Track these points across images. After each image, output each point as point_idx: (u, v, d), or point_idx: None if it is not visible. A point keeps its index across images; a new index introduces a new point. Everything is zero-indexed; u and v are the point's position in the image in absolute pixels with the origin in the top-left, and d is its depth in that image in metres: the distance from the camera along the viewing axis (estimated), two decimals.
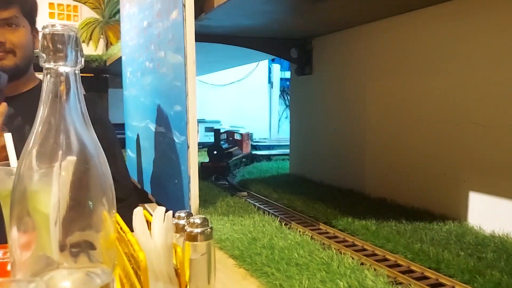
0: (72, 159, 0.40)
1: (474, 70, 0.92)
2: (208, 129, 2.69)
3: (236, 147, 1.85)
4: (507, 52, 0.85)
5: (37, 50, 1.11)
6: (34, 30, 1.05)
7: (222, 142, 1.76)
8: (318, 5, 0.99)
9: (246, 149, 1.99)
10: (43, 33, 0.38)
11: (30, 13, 1.02)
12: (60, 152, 0.39)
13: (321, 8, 1.02)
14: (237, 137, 1.92)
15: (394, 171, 1.14)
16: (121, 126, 1.70)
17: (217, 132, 1.76)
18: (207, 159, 1.71)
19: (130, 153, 1.62)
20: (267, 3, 0.97)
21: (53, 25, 0.38)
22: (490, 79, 0.89)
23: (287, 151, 2.24)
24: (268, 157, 2.10)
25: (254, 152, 2.16)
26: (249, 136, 2.12)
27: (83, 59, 0.40)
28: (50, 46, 0.38)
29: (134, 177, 1.53)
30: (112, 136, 1.12)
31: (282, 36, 1.42)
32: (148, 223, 0.45)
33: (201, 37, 1.26)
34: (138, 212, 0.43)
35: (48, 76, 0.39)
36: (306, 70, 1.49)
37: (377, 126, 1.21)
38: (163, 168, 1.17)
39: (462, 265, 0.66)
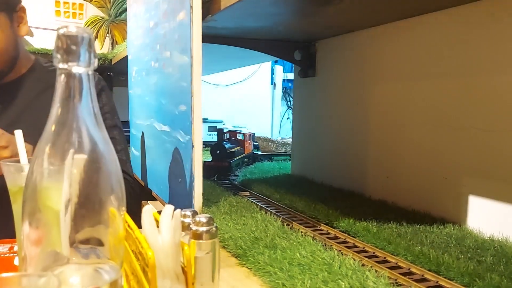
0: (81, 157, 0.41)
1: (476, 75, 0.93)
2: (211, 129, 2.70)
3: (239, 147, 1.85)
4: (509, 58, 0.86)
5: (28, 36, 1.07)
6: (17, 16, 0.97)
7: (224, 142, 1.77)
8: (324, 8, 1.00)
9: (249, 149, 1.99)
10: (57, 34, 0.39)
11: (5, 3, 0.93)
12: (72, 150, 0.40)
13: (326, 11, 1.03)
14: (239, 137, 1.92)
15: (395, 173, 1.15)
16: (126, 124, 1.71)
17: (220, 132, 1.75)
18: (209, 158, 1.71)
19: (134, 151, 1.63)
20: (274, 5, 0.98)
21: (67, 26, 0.39)
22: (492, 84, 0.90)
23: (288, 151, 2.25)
24: (270, 157, 2.10)
25: (255, 152, 2.16)
26: (252, 136, 2.12)
27: (96, 60, 0.41)
28: (64, 47, 0.39)
29: (138, 174, 1.54)
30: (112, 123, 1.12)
31: (286, 38, 1.43)
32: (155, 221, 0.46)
33: (206, 38, 1.27)
34: (148, 210, 0.44)
35: (62, 76, 0.40)
36: (309, 72, 1.50)
37: (379, 129, 1.21)
38: (167, 167, 1.18)
39: (462, 268, 0.67)
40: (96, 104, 0.41)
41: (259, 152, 2.19)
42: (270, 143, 2.22)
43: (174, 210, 0.44)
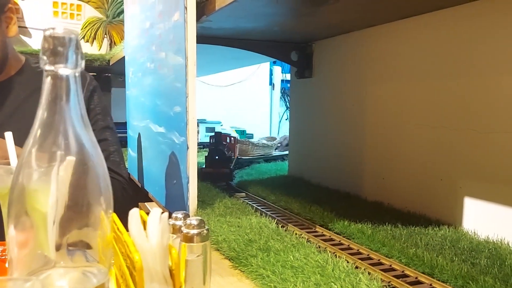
0: (71, 159, 0.40)
1: (472, 76, 0.93)
2: (208, 130, 2.69)
3: (230, 152, 1.77)
4: (505, 59, 0.86)
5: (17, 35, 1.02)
6: (5, 17, 0.95)
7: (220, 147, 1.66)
8: (319, 9, 1.00)
9: (236, 154, 1.89)
10: (44, 35, 0.39)
11: None
12: (59, 152, 0.40)
13: (321, 12, 1.03)
14: (229, 140, 1.79)
15: (391, 175, 1.15)
16: (124, 125, 1.71)
17: (218, 135, 1.63)
18: (204, 161, 1.60)
19: (131, 152, 1.63)
20: (268, 5, 0.98)
21: (53, 28, 0.39)
22: (488, 85, 0.90)
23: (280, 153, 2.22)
24: (250, 161, 1.97)
25: (239, 157, 2.02)
26: (236, 139, 1.96)
27: (83, 62, 0.40)
28: (51, 48, 0.39)
29: (135, 176, 1.54)
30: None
31: (282, 39, 1.43)
32: (145, 224, 0.45)
33: (202, 38, 1.27)
34: (134, 213, 0.43)
35: (49, 78, 0.39)
36: (306, 73, 1.49)
37: (375, 130, 1.21)
38: (163, 168, 1.17)
39: (456, 270, 0.67)
40: (83, 106, 0.41)
41: (243, 157, 2.06)
42: (250, 146, 2.08)
43: (162, 213, 0.44)
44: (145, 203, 1.31)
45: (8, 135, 0.57)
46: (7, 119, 0.97)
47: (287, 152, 2.24)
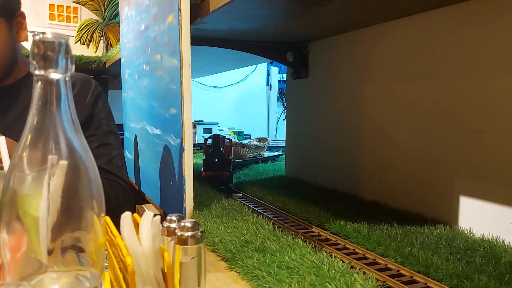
0: (64, 163, 0.40)
1: (467, 75, 0.93)
2: (206, 131, 2.68)
3: (228, 155, 1.75)
4: (500, 59, 0.86)
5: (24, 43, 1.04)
6: (16, 22, 0.97)
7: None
8: (312, 10, 1.00)
9: (231, 156, 1.86)
10: (33, 40, 0.39)
11: (5, 9, 0.93)
12: (51, 157, 0.40)
13: (316, 12, 1.03)
14: (227, 143, 1.72)
15: (387, 174, 1.15)
16: (120, 127, 1.71)
17: (216, 137, 1.58)
18: (202, 163, 1.55)
19: (128, 155, 1.63)
20: (261, 7, 0.98)
21: (43, 33, 0.39)
22: (482, 84, 0.90)
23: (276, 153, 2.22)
24: (242, 164, 1.95)
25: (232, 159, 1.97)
26: (232, 142, 1.86)
27: (73, 66, 0.40)
28: (41, 53, 0.39)
29: (131, 178, 1.54)
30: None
31: (278, 40, 1.43)
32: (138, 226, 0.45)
33: (197, 40, 1.27)
34: (126, 217, 0.43)
35: (39, 82, 0.39)
36: (302, 73, 1.50)
37: (371, 130, 1.21)
38: (159, 170, 1.17)
39: (451, 269, 0.67)
40: (74, 110, 0.41)
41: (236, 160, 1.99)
42: (242, 148, 2.01)
43: (155, 216, 0.44)
44: (143, 205, 1.31)
45: (2, 140, 0.57)
46: (15, 121, 0.98)
47: (277, 153, 2.25)
